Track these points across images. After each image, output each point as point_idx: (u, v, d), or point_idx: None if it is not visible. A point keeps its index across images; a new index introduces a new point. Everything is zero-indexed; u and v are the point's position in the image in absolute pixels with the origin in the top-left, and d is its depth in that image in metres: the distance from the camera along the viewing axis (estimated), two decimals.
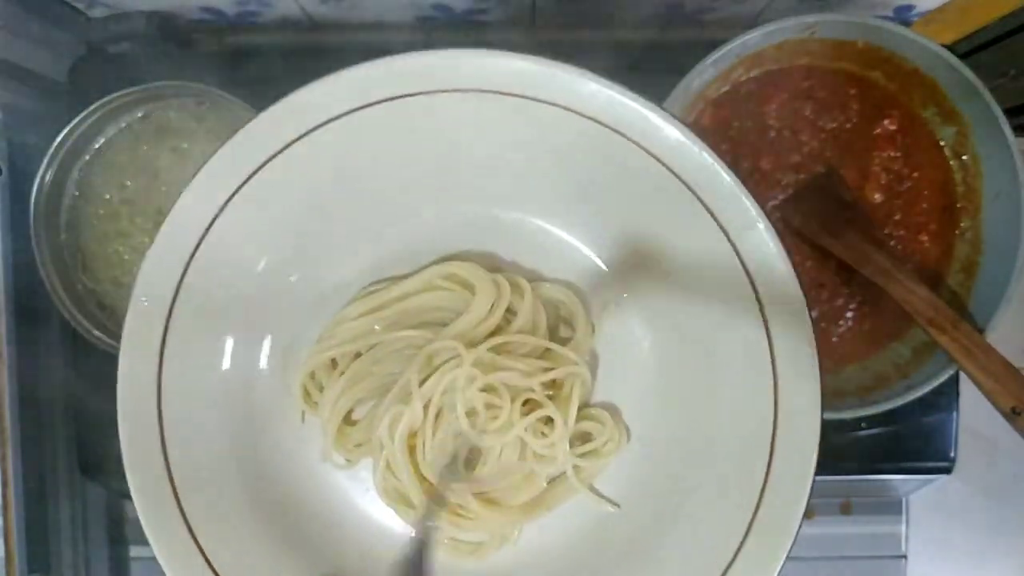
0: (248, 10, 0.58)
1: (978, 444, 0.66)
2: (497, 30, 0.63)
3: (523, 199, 0.40)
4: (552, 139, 0.37)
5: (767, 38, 0.47)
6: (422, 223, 0.41)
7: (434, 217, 0.41)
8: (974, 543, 0.67)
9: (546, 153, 0.38)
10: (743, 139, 0.50)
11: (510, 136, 0.37)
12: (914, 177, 0.50)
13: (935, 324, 0.44)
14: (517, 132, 0.37)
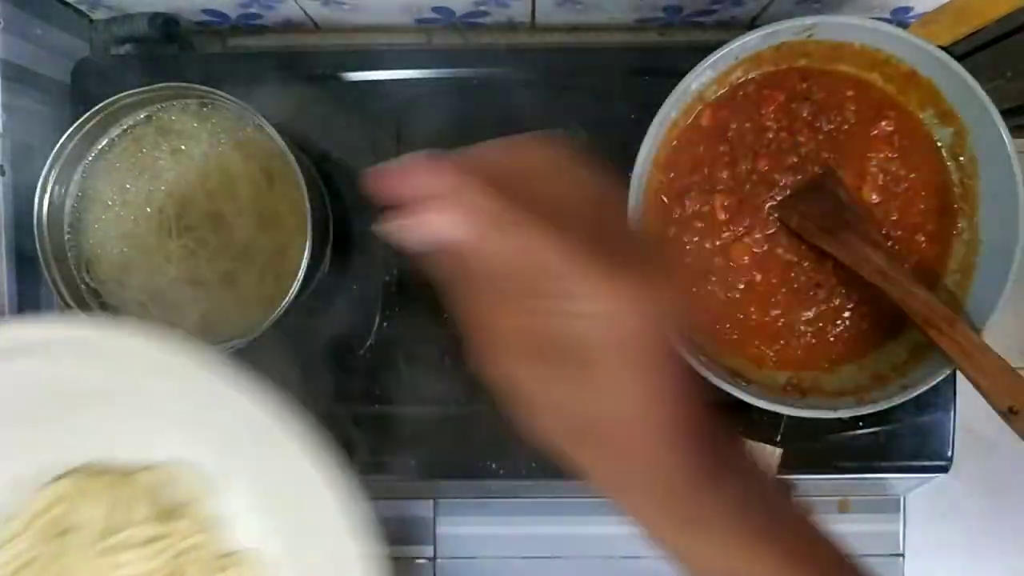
0: (250, 12, 0.59)
1: (975, 443, 0.66)
2: (497, 32, 0.63)
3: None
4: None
5: (765, 40, 0.47)
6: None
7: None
8: (971, 541, 0.67)
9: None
10: (741, 140, 0.50)
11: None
12: (911, 178, 0.50)
13: (932, 324, 0.45)
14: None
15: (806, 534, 0.28)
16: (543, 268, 0.23)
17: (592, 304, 0.23)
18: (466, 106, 0.57)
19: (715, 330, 0.51)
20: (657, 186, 0.50)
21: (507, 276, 0.23)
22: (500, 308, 0.24)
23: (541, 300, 0.23)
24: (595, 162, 0.26)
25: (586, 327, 0.23)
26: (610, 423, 0.25)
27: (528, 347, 0.24)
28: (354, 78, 0.57)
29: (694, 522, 0.27)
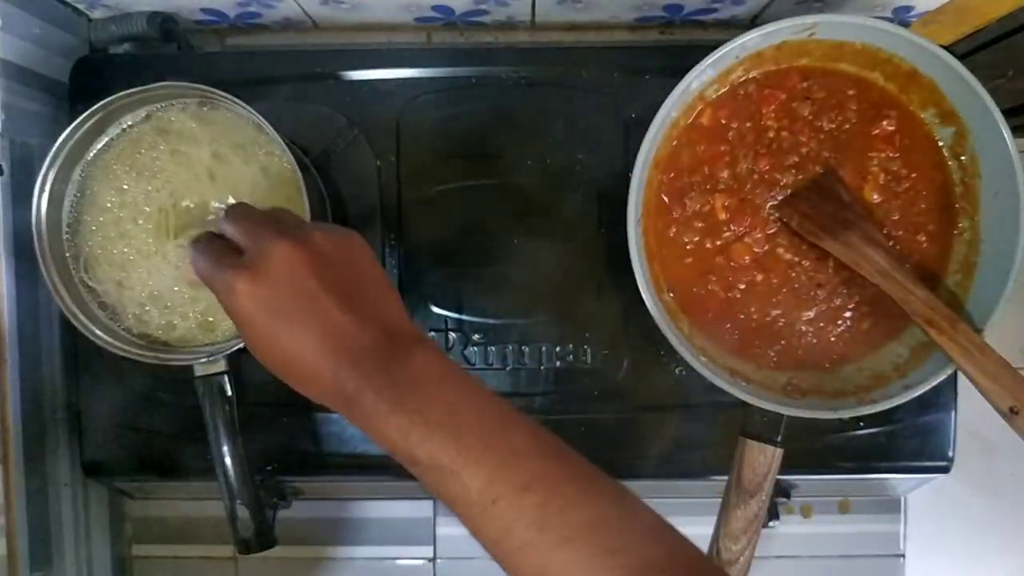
0: (249, 11, 0.59)
1: (976, 443, 0.66)
2: (497, 31, 0.63)
3: None
4: None
5: (766, 39, 0.47)
6: None
7: None
8: (972, 542, 0.67)
9: None
10: (742, 140, 0.50)
11: None
12: (912, 177, 0.50)
13: (933, 324, 0.45)
14: None
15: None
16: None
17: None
18: (466, 105, 0.57)
19: (716, 330, 0.51)
20: (657, 185, 0.50)
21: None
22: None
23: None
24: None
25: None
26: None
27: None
28: (353, 77, 0.57)
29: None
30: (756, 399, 0.47)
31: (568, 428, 0.56)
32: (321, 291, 0.33)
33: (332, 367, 0.32)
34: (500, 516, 0.30)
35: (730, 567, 0.48)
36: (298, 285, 0.33)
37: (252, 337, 0.34)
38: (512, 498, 0.29)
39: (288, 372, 0.34)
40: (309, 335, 0.32)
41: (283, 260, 0.33)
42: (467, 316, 0.56)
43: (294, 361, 0.33)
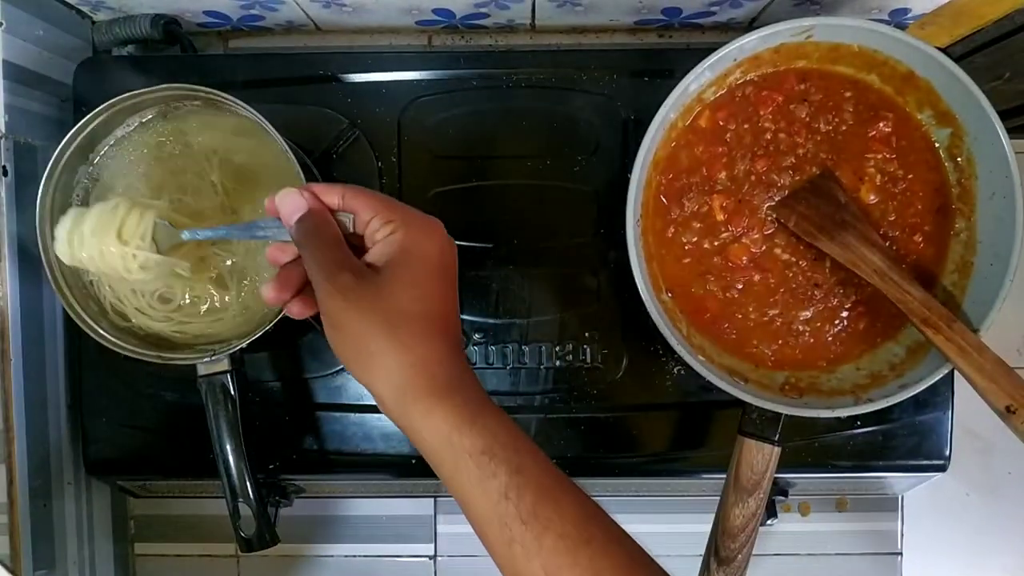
0: (252, 14, 0.59)
1: (973, 442, 0.66)
2: (497, 34, 0.63)
3: None
4: None
5: (764, 41, 0.47)
6: None
7: None
8: (968, 540, 0.68)
9: None
10: (739, 141, 0.50)
11: None
12: (909, 179, 0.50)
13: (930, 324, 0.45)
14: None
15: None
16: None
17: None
18: (466, 106, 0.57)
19: (714, 329, 0.51)
20: (656, 187, 0.50)
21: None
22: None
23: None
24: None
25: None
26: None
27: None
28: (355, 79, 0.57)
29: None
30: (754, 398, 0.47)
31: (568, 427, 0.56)
32: (452, 287, 0.39)
33: (437, 360, 0.36)
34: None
35: (728, 565, 0.49)
36: (449, 274, 0.39)
37: (372, 304, 0.36)
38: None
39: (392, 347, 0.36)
40: (437, 328, 0.37)
41: (444, 242, 0.39)
42: (467, 316, 0.56)
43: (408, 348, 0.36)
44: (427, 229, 0.38)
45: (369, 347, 0.35)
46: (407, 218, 0.38)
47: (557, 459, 0.56)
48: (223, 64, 0.59)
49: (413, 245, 0.37)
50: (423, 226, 0.38)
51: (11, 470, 0.52)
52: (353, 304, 0.35)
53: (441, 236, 0.39)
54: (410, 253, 0.37)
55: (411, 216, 0.38)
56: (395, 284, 0.36)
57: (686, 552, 0.67)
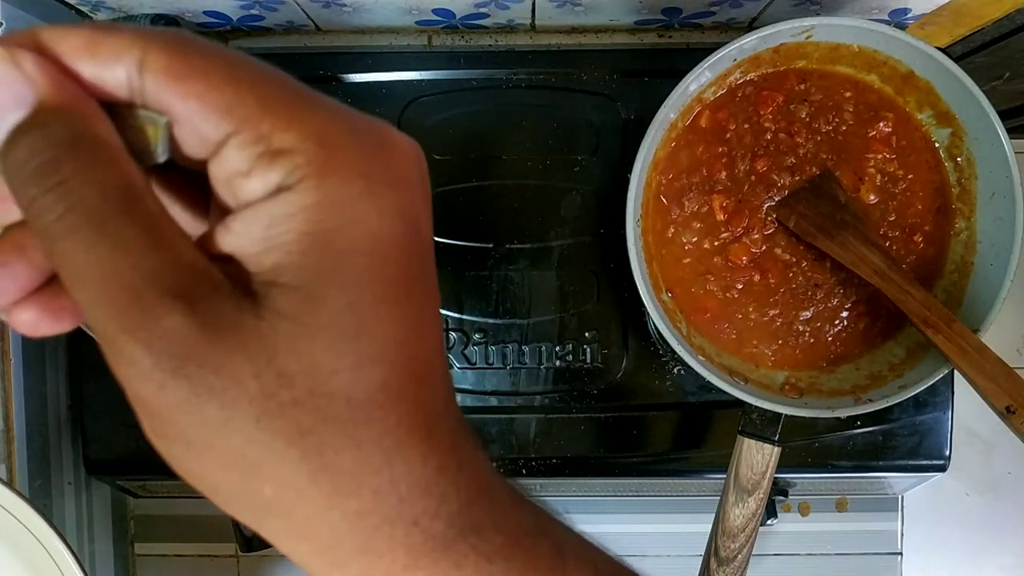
0: (252, 14, 0.59)
1: (973, 443, 0.66)
2: (497, 34, 0.63)
3: None
4: None
5: (764, 41, 0.47)
6: None
7: None
8: (968, 540, 0.67)
9: None
10: (739, 141, 0.50)
11: None
12: (909, 179, 0.50)
13: (930, 324, 0.45)
14: None
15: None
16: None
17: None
18: (466, 107, 0.57)
19: (714, 329, 0.51)
20: (656, 187, 0.50)
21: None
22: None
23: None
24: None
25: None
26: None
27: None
28: (355, 79, 0.57)
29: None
30: (754, 398, 0.47)
31: (568, 427, 0.56)
32: (430, 294, 0.20)
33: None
34: None
35: (728, 565, 0.49)
36: (426, 266, 0.19)
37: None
38: None
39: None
40: (412, 411, 0.18)
41: (413, 193, 0.19)
42: (467, 316, 0.56)
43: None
44: (375, 164, 0.18)
45: (262, 489, 0.17)
46: (324, 135, 0.17)
47: (557, 459, 0.56)
48: None
49: (348, 216, 0.17)
50: (364, 157, 0.18)
51: (11, 470, 0.52)
52: (204, 393, 0.16)
53: (406, 176, 0.19)
54: (343, 239, 0.17)
55: (332, 131, 0.18)
56: (309, 331, 0.17)
57: (686, 552, 0.67)
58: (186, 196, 0.21)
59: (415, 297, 0.18)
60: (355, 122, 0.18)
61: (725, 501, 0.49)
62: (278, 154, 0.17)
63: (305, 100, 0.18)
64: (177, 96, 0.17)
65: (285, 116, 0.17)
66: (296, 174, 0.17)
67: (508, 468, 0.56)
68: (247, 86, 0.17)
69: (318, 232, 0.17)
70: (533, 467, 0.56)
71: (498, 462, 0.55)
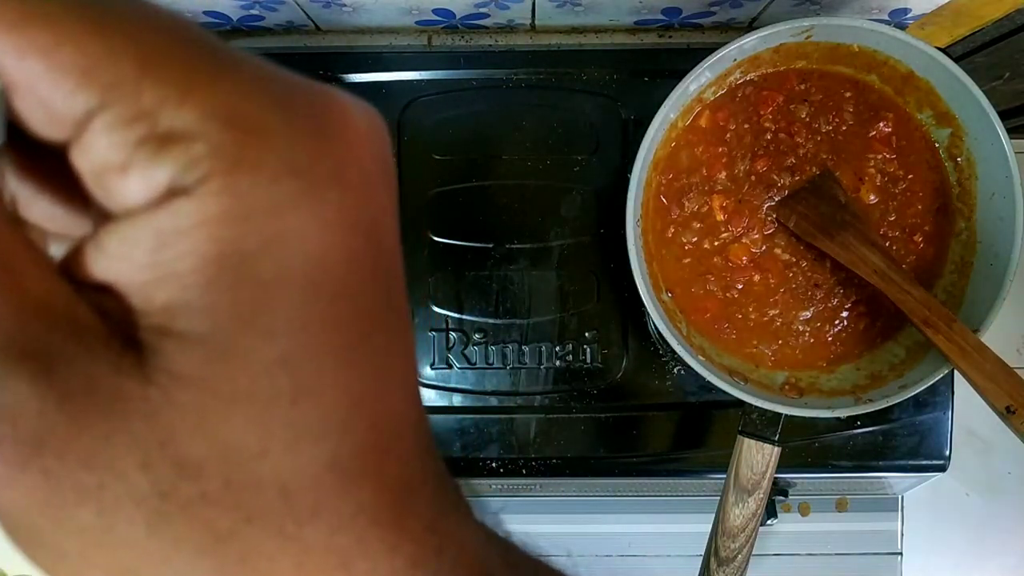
0: (252, 14, 0.59)
1: (973, 443, 0.66)
2: (497, 34, 0.63)
3: None
4: None
5: (764, 42, 0.47)
6: None
7: None
8: (968, 540, 0.67)
9: None
10: (739, 141, 0.50)
11: None
12: (909, 179, 0.50)
13: (930, 324, 0.45)
14: None
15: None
16: None
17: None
18: (466, 107, 0.57)
19: (713, 329, 0.51)
20: (656, 187, 0.51)
21: None
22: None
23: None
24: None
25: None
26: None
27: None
28: (355, 79, 0.57)
29: None
30: (754, 398, 0.47)
31: (568, 427, 0.56)
32: (401, 321, 0.15)
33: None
34: None
35: (728, 565, 0.49)
36: (395, 288, 0.15)
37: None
38: None
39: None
40: (372, 490, 0.14)
41: (369, 201, 0.14)
42: (467, 316, 0.56)
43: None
44: (314, 151, 0.13)
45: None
46: (237, 111, 0.12)
47: (557, 459, 0.56)
48: None
49: (274, 232, 0.12)
50: (298, 141, 0.13)
51: None
52: (71, 494, 0.12)
53: (360, 166, 0.13)
54: (267, 265, 0.12)
55: (250, 104, 0.12)
56: (222, 400, 0.12)
57: (686, 552, 0.67)
58: (58, 182, 0.13)
59: (376, 337, 0.14)
60: (285, 90, 0.13)
61: (725, 501, 0.49)
62: (167, 140, 0.12)
63: (211, 58, 0.12)
64: (10, 51, 0.11)
65: (178, 82, 0.12)
66: (195, 171, 0.12)
67: (508, 468, 0.56)
68: (121, 37, 0.11)
69: (230, 256, 0.12)
70: (533, 467, 0.56)
71: (498, 462, 0.56)
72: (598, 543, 0.66)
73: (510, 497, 0.65)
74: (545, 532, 0.67)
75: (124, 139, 0.12)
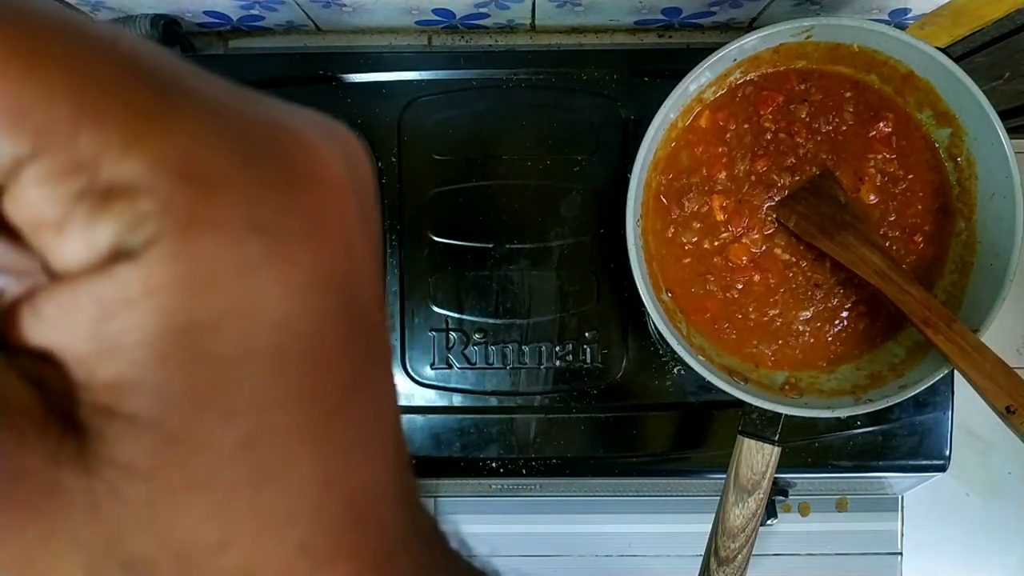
0: (252, 14, 0.59)
1: (972, 443, 0.66)
2: (497, 34, 0.63)
3: None
4: None
5: (764, 42, 0.47)
6: None
7: None
8: (968, 540, 0.68)
9: None
10: (739, 141, 0.50)
11: None
12: (909, 179, 0.50)
13: (930, 324, 0.45)
14: None
15: None
16: None
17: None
18: (466, 107, 0.57)
19: (714, 329, 0.51)
20: (656, 187, 0.51)
21: None
22: None
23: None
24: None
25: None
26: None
27: None
28: (355, 79, 0.57)
29: None
30: (754, 398, 0.47)
31: (568, 427, 0.56)
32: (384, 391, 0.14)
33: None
34: None
35: (728, 565, 0.49)
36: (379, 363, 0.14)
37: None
38: None
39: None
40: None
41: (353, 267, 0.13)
42: (467, 316, 0.56)
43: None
44: (280, 203, 0.11)
45: None
46: (191, 159, 0.11)
47: (557, 459, 0.56)
48: (223, 64, 0.59)
49: (236, 300, 0.11)
50: (261, 192, 0.11)
51: None
52: None
53: (333, 214, 0.12)
54: (228, 338, 0.11)
55: (205, 149, 0.11)
56: (175, 493, 0.11)
57: (686, 552, 0.67)
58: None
59: (352, 405, 0.12)
60: (249, 131, 0.12)
61: (725, 501, 0.49)
62: (109, 195, 0.10)
63: (162, 95, 0.11)
64: None
65: (122, 126, 0.10)
66: (142, 231, 0.10)
67: (508, 468, 0.56)
68: (58, 71, 0.10)
69: (184, 329, 0.10)
70: (533, 467, 0.56)
71: (498, 462, 0.56)
72: (598, 543, 0.66)
73: (510, 497, 0.65)
74: (545, 532, 0.67)
75: (59, 193, 0.10)
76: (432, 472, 0.57)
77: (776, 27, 0.46)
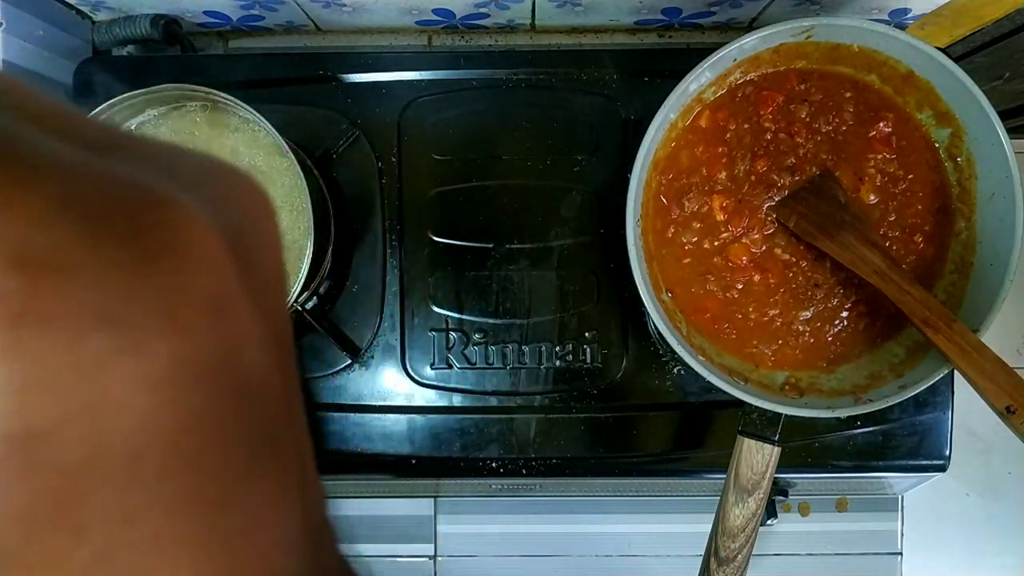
0: (252, 14, 0.59)
1: (972, 443, 0.66)
2: (497, 34, 0.63)
3: None
4: None
5: (764, 42, 0.47)
6: None
7: None
8: (968, 540, 0.68)
9: None
10: (739, 141, 0.50)
11: None
12: (909, 179, 0.50)
13: (930, 324, 0.45)
14: None
15: None
16: None
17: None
18: (466, 107, 0.57)
19: (714, 329, 0.51)
20: (656, 187, 0.50)
21: None
22: None
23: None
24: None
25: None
26: None
27: None
28: (355, 79, 0.57)
29: None
30: (754, 398, 0.47)
31: (568, 427, 0.56)
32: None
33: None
34: None
35: (728, 565, 0.49)
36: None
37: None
38: None
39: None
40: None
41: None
42: (467, 316, 0.56)
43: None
44: (133, 282, 0.10)
45: None
46: (26, 238, 0.09)
47: (557, 459, 0.56)
48: (223, 64, 0.59)
49: (77, 405, 0.10)
50: (110, 270, 0.10)
51: None
52: None
53: (206, 289, 0.11)
54: (68, 447, 0.10)
55: (46, 223, 0.09)
56: None
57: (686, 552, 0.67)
58: None
59: (243, 496, 0.11)
60: (101, 200, 0.10)
61: (725, 501, 0.49)
62: None
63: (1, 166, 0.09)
64: None
65: None
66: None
67: (508, 468, 0.56)
68: None
69: (19, 438, 0.09)
70: (533, 467, 0.56)
71: (498, 462, 0.56)
72: (598, 543, 0.66)
73: (510, 497, 0.65)
74: (545, 532, 0.67)
75: None
76: (432, 472, 0.57)
77: (776, 27, 0.46)
